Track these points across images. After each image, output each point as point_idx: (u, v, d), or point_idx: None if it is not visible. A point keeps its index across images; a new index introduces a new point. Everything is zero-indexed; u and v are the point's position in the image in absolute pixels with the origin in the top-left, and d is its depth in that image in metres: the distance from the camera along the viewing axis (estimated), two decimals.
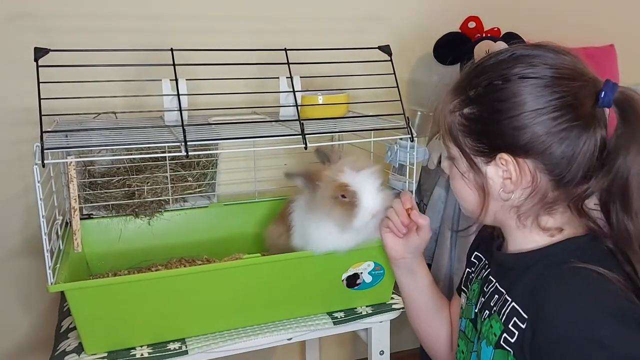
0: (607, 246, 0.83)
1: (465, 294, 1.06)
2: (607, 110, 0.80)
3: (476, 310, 0.97)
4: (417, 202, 1.79)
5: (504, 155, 0.83)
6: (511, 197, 0.85)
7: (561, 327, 0.75)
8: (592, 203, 0.84)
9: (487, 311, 0.91)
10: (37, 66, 1.13)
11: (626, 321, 0.73)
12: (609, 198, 0.81)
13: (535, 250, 0.87)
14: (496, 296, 0.90)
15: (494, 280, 0.93)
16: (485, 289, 0.96)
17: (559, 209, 0.85)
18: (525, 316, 0.81)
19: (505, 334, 0.84)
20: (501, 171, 0.84)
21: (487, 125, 0.84)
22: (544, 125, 0.79)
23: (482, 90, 0.84)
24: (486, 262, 1.02)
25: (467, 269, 1.08)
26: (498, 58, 0.85)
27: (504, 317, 0.85)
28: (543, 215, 0.85)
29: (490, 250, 0.99)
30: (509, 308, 0.85)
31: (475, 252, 1.07)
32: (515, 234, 0.90)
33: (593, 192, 0.82)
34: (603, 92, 0.79)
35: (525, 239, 0.88)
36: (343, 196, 1.15)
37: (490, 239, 1.01)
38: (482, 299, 0.95)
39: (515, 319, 0.83)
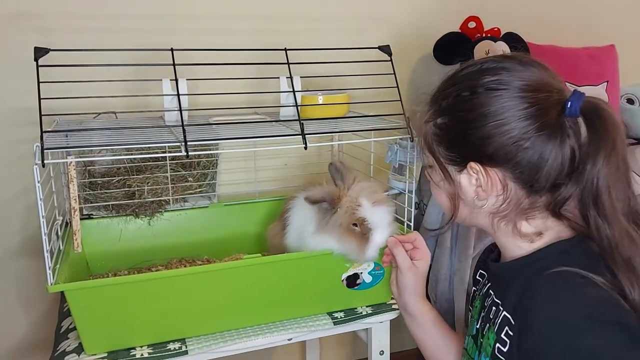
0: (595, 248, 0.83)
1: (470, 312, 1.06)
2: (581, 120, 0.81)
3: (477, 326, 0.97)
4: (416, 202, 1.80)
5: (473, 165, 0.86)
6: (486, 204, 0.88)
7: (544, 332, 0.75)
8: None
9: (487, 324, 0.91)
10: (37, 66, 1.13)
11: (609, 325, 0.73)
12: (585, 207, 0.82)
13: (523, 257, 0.87)
14: (494, 308, 0.90)
15: (492, 293, 0.94)
16: (485, 303, 0.96)
17: (539, 214, 0.86)
18: (514, 323, 0.81)
19: (498, 344, 0.84)
20: (473, 179, 0.87)
21: (456, 135, 0.87)
22: (508, 135, 0.81)
23: (452, 101, 0.88)
24: (487, 277, 1.02)
25: (474, 288, 1.09)
26: (468, 70, 0.88)
27: (497, 327, 0.85)
28: (521, 220, 0.87)
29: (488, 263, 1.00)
30: (501, 317, 0.85)
31: (480, 270, 1.08)
32: (503, 242, 0.91)
33: (565, 198, 0.83)
34: (569, 102, 0.80)
35: (514, 246, 0.89)
36: (355, 224, 1.19)
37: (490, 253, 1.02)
38: (483, 313, 0.95)
39: (506, 327, 0.83)
